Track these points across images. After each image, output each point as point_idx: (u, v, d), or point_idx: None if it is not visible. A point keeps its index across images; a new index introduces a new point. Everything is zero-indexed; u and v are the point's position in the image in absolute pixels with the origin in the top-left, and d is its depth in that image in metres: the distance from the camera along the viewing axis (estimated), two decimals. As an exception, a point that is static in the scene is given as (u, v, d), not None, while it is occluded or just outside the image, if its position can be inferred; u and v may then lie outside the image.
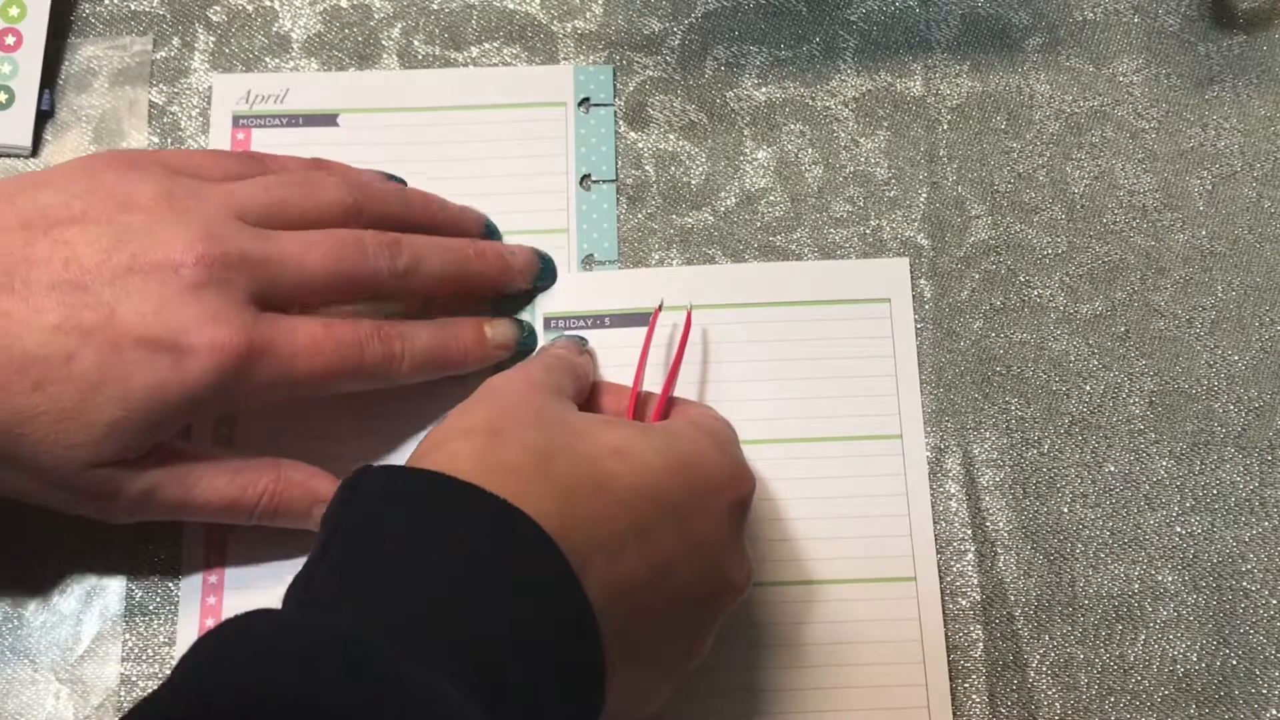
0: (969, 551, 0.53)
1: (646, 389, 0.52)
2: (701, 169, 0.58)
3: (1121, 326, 0.56)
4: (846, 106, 0.59)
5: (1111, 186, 0.58)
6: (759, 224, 0.57)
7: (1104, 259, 0.57)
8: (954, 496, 0.54)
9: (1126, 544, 0.53)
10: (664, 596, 0.43)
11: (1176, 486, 0.54)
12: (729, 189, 0.58)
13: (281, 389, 0.47)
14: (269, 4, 0.60)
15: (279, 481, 0.49)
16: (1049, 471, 0.54)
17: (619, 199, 0.58)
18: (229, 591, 0.52)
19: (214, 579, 0.52)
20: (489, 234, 0.55)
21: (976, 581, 0.53)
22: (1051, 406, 0.55)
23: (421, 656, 0.36)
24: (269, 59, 0.59)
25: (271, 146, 0.57)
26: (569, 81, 0.59)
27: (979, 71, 0.60)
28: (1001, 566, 0.53)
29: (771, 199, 0.58)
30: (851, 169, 0.58)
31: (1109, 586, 0.53)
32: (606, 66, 0.59)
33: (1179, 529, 0.54)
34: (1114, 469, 0.54)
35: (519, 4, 0.60)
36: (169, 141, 0.58)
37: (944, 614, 0.52)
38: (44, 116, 0.58)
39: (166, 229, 0.45)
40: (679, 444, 0.45)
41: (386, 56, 0.59)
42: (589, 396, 0.52)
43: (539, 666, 0.38)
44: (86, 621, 0.52)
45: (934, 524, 0.53)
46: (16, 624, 0.52)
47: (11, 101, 0.57)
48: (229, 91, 0.58)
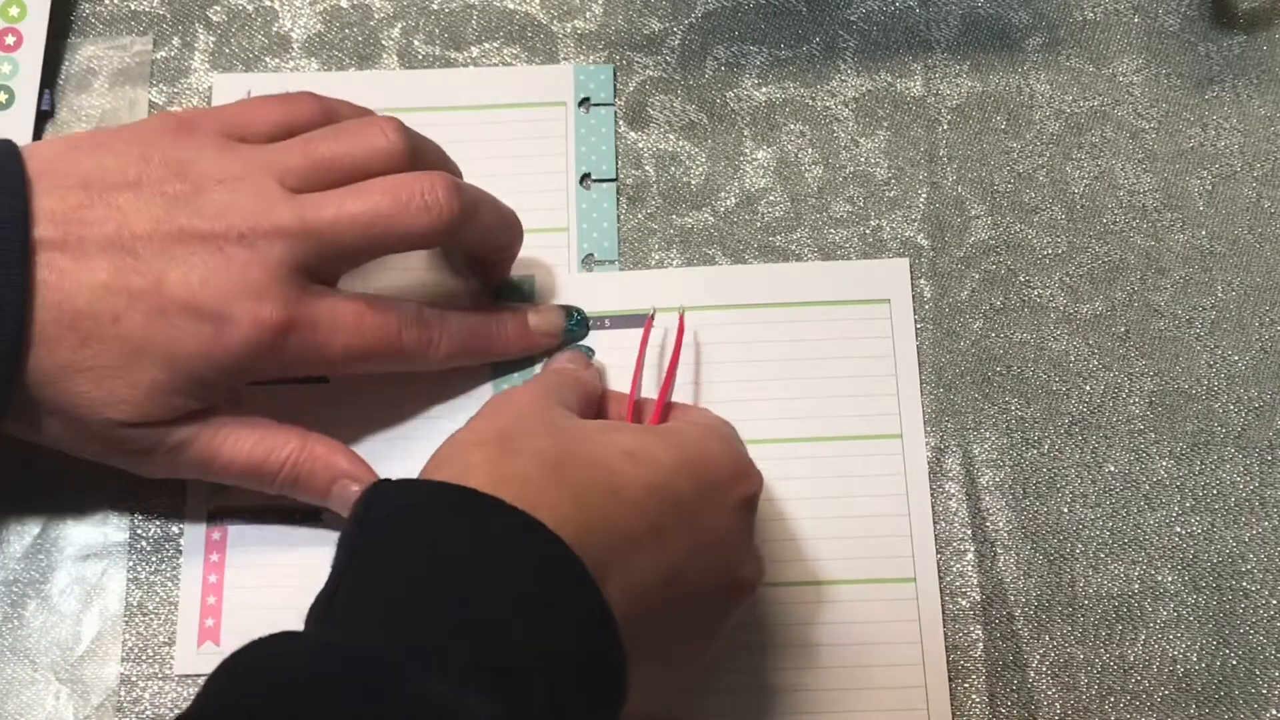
0: (969, 551, 0.53)
1: (645, 395, 0.52)
2: (701, 169, 0.58)
3: (1121, 326, 0.56)
4: (846, 106, 0.59)
5: (1111, 186, 0.58)
6: (759, 224, 0.57)
7: (1104, 259, 0.57)
8: (954, 496, 0.54)
9: (1126, 544, 0.53)
10: (677, 595, 0.43)
11: (1176, 486, 0.54)
12: (729, 189, 0.58)
13: (317, 364, 0.49)
14: (269, 4, 0.60)
15: (303, 451, 0.49)
16: (1049, 471, 0.54)
17: (619, 199, 0.58)
18: (229, 592, 0.52)
19: (214, 579, 0.52)
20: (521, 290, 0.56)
21: (976, 581, 0.53)
22: (1051, 406, 0.55)
23: (447, 673, 0.36)
24: (269, 59, 0.59)
25: (271, 146, 0.57)
26: (569, 81, 0.59)
27: (979, 71, 0.60)
28: (1001, 566, 0.53)
29: (771, 199, 0.58)
30: (851, 169, 0.58)
31: (1109, 586, 0.53)
32: (606, 66, 0.59)
33: (1179, 529, 0.54)
34: (1114, 469, 0.54)
35: (519, 4, 0.60)
36: (169, 141, 0.58)
37: (944, 614, 0.52)
38: (44, 116, 0.58)
39: (214, 201, 0.47)
40: (686, 442, 0.46)
41: (386, 56, 0.59)
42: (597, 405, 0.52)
43: (564, 676, 0.38)
44: (86, 621, 0.52)
45: (934, 524, 0.53)
46: (16, 624, 0.52)
47: (11, 101, 0.57)
48: (229, 91, 0.58)
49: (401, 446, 0.53)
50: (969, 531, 0.53)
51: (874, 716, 0.51)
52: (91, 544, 0.52)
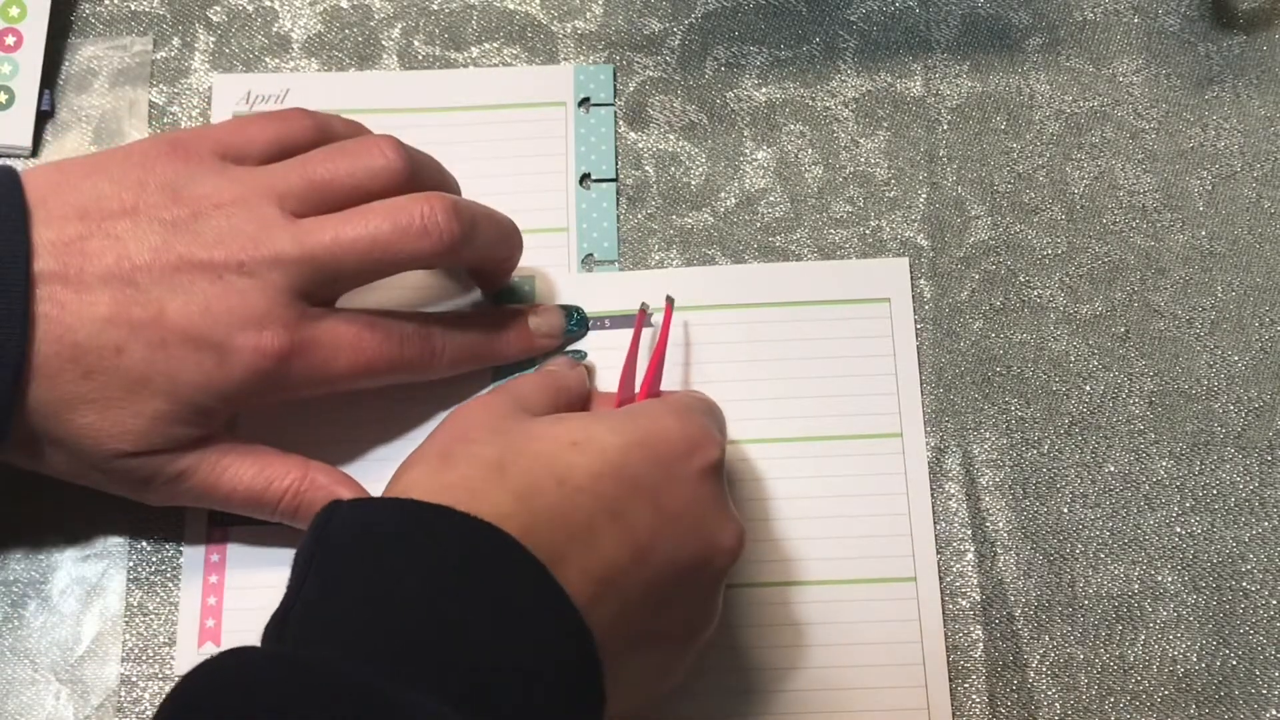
0: (969, 551, 0.53)
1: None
2: (701, 169, 0.58)
3: (1121, 327, 0.56)
4: (846, 107, 0.59)
5: (1111, 187, 0.58)
6: (759, 224, 0.57)
7: (1104, 259, 0.57)
8: (954, 496, 0.54)
9: (1126, 544, 0.53)
10: (651, 574, 0.43)
11: (1176, 486, 0.54)
12: (729, 189, 0.58)
13: (320, 385, 0.49)
14: (269, 4, 0.60)
15: (304, 481, 0.49)
16: (1049, 471, 0.54)
17: (619, 199, 0.58)
18: (229, 593, 0.52)
19: (214, 579, 0.52)
20: (517, 293, 0.56)
21: (976, 582, 0.53)
22: (1051, 406, 0.55)
23: (409, 679, 0.36)
24: (269, 59, 0.59)
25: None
26: (569, 81, 0.59)
27: (979, 72, 0.60)
28: (1001, 567, 0.53)
29: (771, 199, 0.58)
30: (851, 169, 0.58)
31: (1109, 586, 0.53)
32: (607, 66, 0.59)
33: (1179, 529, 0.54)
34: (1114, 469, 0.54)
35: (519, 4, 0.60)
36: (169, 142, 0.58)
37: (944, 614, 0.52)
38: (44, 117, 0.58)
39: (213, 227, 0.46)
40: (637, 421, 0.46)
41: (386, 57, 0.59)
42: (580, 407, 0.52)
43: (528, 668, 0.38)
44: (86, 621, 0.52)
45: (934, 524, 0.53)
46: (16, 624, 0.52)
47: (12, 101, 0.57)
48: (229, 92, 0.58)
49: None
50: (969, 531, 0.53)
51: (874, 716, 0.51)
52: (91, 544, 0.52)
